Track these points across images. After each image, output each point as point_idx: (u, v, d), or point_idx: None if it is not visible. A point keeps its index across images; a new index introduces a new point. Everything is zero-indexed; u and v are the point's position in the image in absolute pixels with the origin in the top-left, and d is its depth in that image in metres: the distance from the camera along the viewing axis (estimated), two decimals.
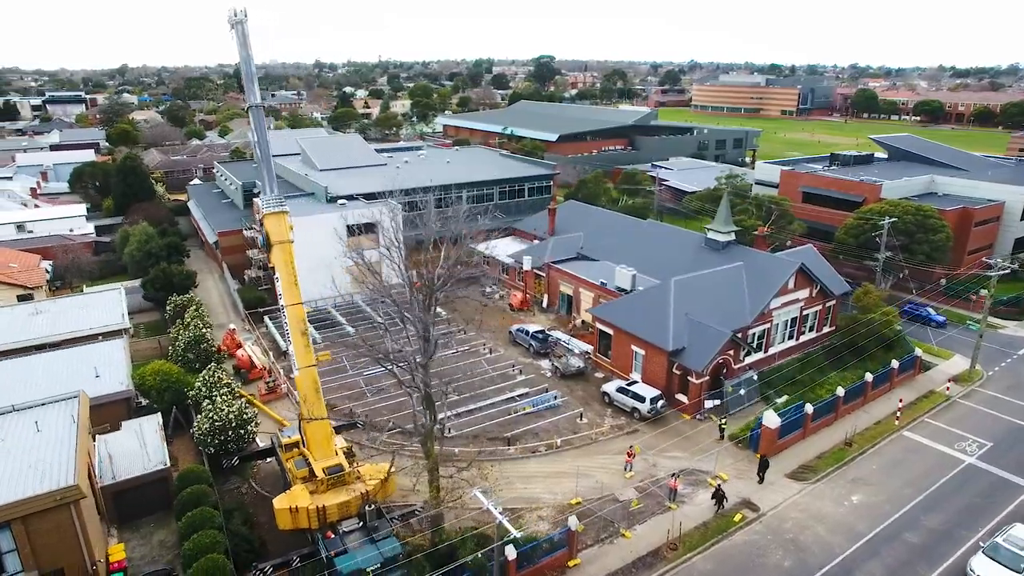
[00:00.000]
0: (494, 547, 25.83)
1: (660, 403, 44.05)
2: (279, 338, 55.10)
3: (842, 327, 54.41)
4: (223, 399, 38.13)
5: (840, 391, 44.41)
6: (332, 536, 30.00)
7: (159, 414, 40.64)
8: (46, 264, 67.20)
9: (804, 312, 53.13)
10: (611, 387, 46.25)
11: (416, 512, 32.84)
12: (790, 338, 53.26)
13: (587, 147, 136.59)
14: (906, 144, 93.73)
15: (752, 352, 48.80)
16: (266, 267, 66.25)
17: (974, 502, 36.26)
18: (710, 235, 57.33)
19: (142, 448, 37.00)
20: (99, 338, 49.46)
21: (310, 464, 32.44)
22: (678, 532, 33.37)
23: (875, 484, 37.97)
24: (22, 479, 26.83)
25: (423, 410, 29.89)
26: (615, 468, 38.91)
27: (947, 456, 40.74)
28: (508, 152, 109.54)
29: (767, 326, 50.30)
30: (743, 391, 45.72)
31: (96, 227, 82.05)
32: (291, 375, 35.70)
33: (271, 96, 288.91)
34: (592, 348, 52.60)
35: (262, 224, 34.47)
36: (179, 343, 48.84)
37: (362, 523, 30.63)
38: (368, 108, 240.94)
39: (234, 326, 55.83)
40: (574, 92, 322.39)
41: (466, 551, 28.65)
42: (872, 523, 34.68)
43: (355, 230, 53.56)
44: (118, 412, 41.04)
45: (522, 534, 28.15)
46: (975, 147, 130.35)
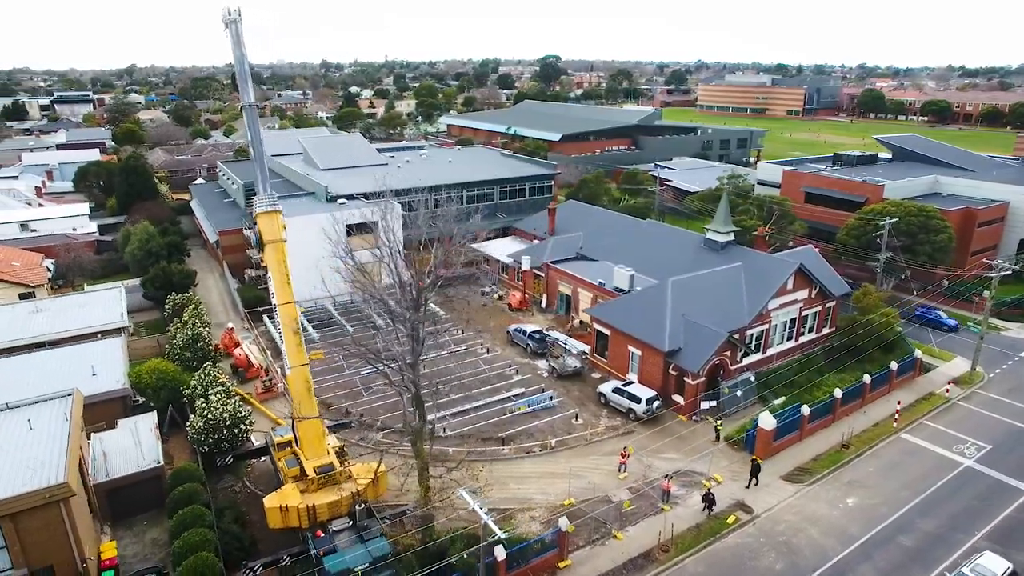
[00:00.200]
0: (480, 548, 25.71)
1: (656, 404, 43.86)
2: (277, 337, 55.13)
3: (842, 328, 54.09)
4: (217, 398, 38.20)
5: (837, 393, 44.11)
6: (322, 535, 30.05)
7: (154, 412, 40.74)
8: (48, 263, 67.68)
9: (803, 313, 52.81)
10: (607, 388, 46.09)
11: (406, 512, 32.79)
12: (789, 339, 52.95)
13: (590, 147, 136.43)
14: (910, 144, 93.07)
15: (750, 353, 48.53)
16: (259, 266, 66.53)
17: (971, 505, 35.92)
18: (709, 235, 57.08)
19: (136, 446, 37.14)
20: (98, 336, 49.75)
21: (301, 463, 32.51)
22: (670, 534, 33.19)
23: (871, 487, 37.68)
24: (12, 476, 26.96)
25: (413, 410, 29.82)
26: (609, 469, 38.78)
27: (945, 459, 40.39)
28: (510, 152, 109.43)
29: (765, 327, 50.01)
30: (739, 392, 45.47)
31: (99, 226, 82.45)
32: (287, 374, 35.74)
33: (277, 96, 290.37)
34: (589, 348, 52.45)
35: (255, 223, 34.51)
36: (177, 342, 48.99)
37: (352, 522, 30.66)
38: (373, 108, 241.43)
39: (232, 325, 56.00)
40: (579, 92, 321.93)
41: (455, 551, 28.59)
42: (866, 526, 34.41)
43: (352, 230, 53.67)
44: (114, 410, 41.25)
45: (507, 535, 28.03)
46: (982, 147, 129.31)
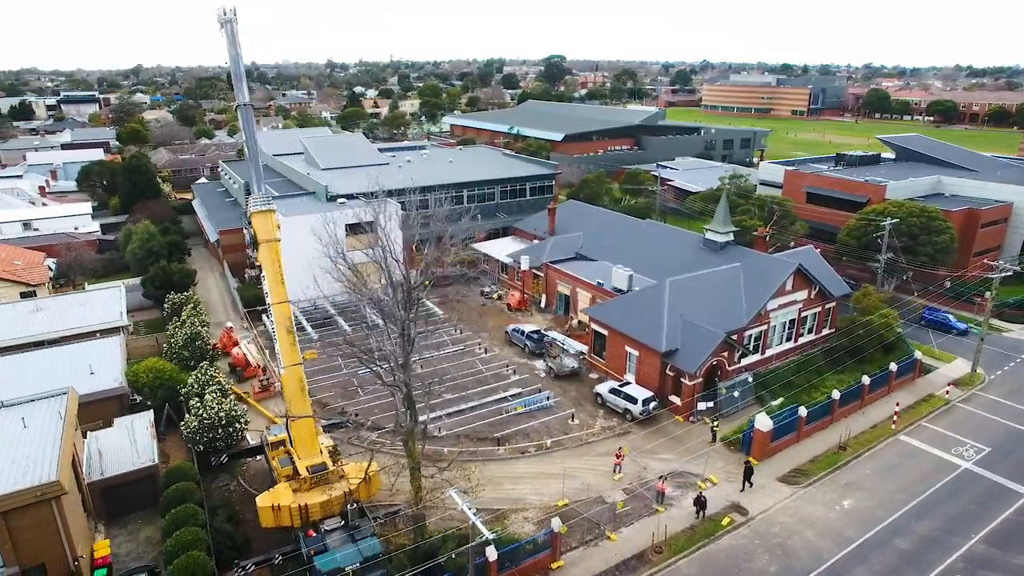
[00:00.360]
0: (469, 548, 25.64)
1: (652, 405, 43.70)
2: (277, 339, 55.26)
3: (842, 329, 53.78)
4: (212, 397, 38.26)
5: (835, 394, 43.87)
6: (313, 534, 30.05)
7: (151, 411, 40.87)
8: (50, 262, 68.01)
9: (803, 314, 52.52)
10: (604, 388, 45.96)
11: (398, 512, 32.76)
12: (788, 340, 52.68)
13: (593, 147, 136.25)
14: (914, 144, 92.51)
15: (748, 354, 48.31)
16: (254, 265, 66.60)
17: (968, 508, 35.62)
18: (708, 235, 56.86)
19: (132, 445, 37.25)
20: (97, 335, 49.99)
21: (294, 462, 32.53)
22: (664, 535, 33.05)
23: (868, 489, 37.42)
24: (3, 474, 27.01)
25: (405, 410, 29.79)
26: (604, 470, 38.65)
27: (943, 461, 40.08)
28: (511, 152, 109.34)
29: (764, 328, 49.77)
30: (737, 393, 45.27)
31: (101, 225, 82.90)
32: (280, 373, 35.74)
33: (282, 96, 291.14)
34: (587, 348, 52.33)
35: (250, 223, 34.57)
36: (175, 341, 49.11)
37: (344, 522, 30.65)
38: (377, 108, 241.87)
39: (231, 324, 56.12)
40: (584, 92, 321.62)
41: (446, 551, 28.54)
42: (862, 528, 34.17)
43: (350, 230, 53.73)
44: (111, 409, 41.42)
45: (495, 535, 27.96)
46: (988, 148, 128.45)
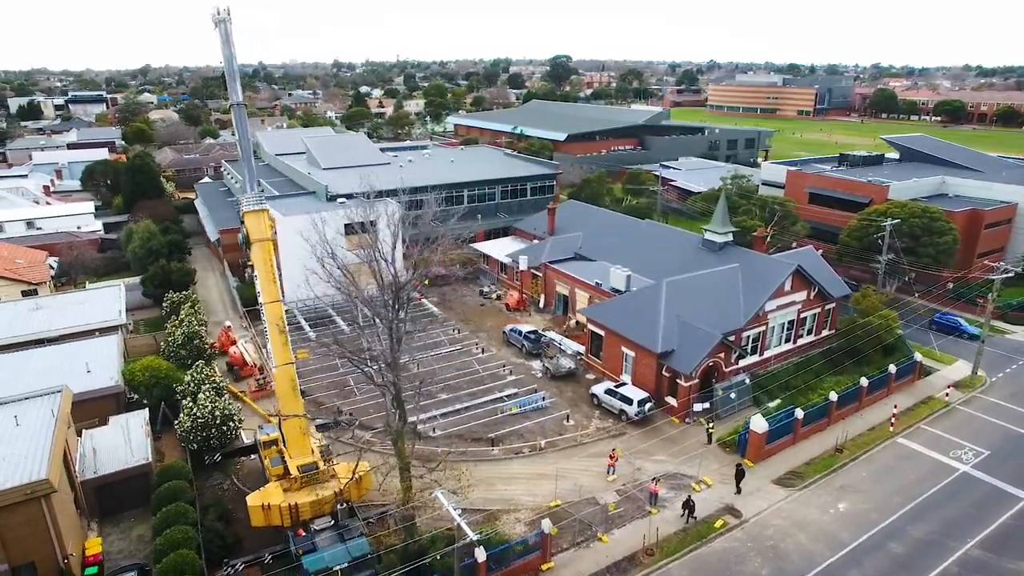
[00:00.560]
0: (455, 548, 25.56)
1: (648, 406, 43.50)
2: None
3: (841, 330, 53.42)
4: (206, 396, 38.33)
5: (833, 396, 43.53)
6: (303, 534, 30.04)
7: (146, 410, 41.02)
8: (52, 260, 68.40)
9: (802, 315, 52.18)
10: (599, 389, 45.80)
11: (387, 512, 32.72)
12: (787, 341, 52.34)
13: (596, 147, 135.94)
14: (918, 144, 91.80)
15: (744, 355, 48.03)
16: (247, 264, 66.82)
17: (965, 512, 35.26)
18: (707, 236, 56.60)
19: (126, 443, 37.37)
20: (96, 334, 50.22)
21: (285, 462, 32.54)
22: (655, 537, 32.85)
23: (863, 492, 37.11)
24: None
25: (394, 410, 29.75)
26: (598, 471, 38.49)
27: (941, 464, 39.70)
28: (513, 151, 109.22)
29: (762, 329, 49.47)
30: (733, 394, 45.00)
31: (104, 224, 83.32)
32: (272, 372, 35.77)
33: (288, 95, 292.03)
34: (584, 349, 52.17)
35: (243, 222, 34.63)
36: (173, 339, 49.26)
37: (334, 522, 30.63)
38: (382, 108, 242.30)
39: (229, 323, 56.24)
40: (589, 92, 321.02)
41: (436, 551, 28.44)
42: (857, 532, 33.87)
43: (348, 230, 53.80)
44: (107, 407, 41.57)
45: (479, 536, 27.86)
46: (996, 148, 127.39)
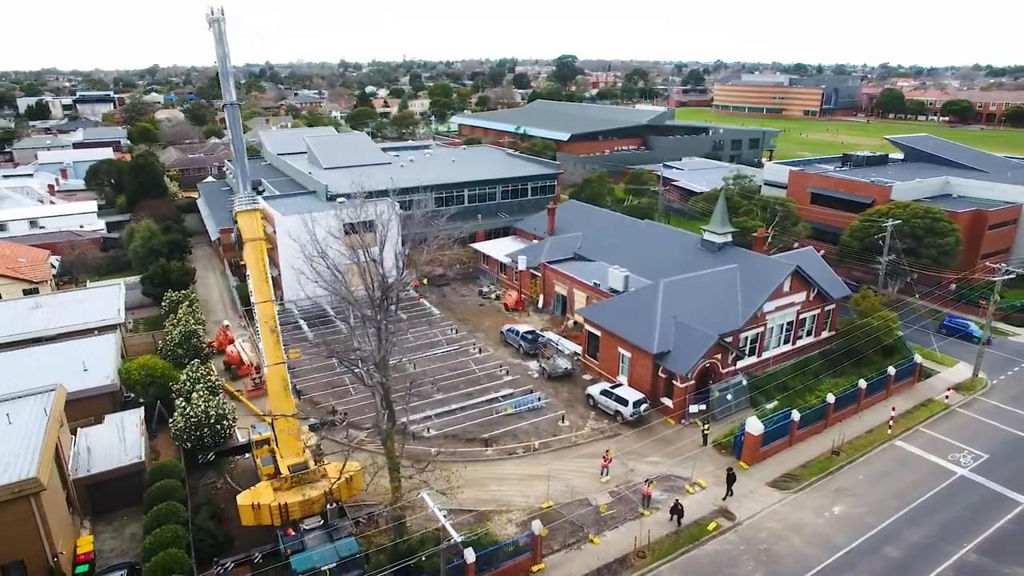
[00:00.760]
0: (440, 550, 25.46)
1: (643, 407, 43.27)
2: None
3: (841, 331, 53.04)
4: (199, 395, 38.40)
5: (830, 398, 43.17)
6: (292, 533, 30.02)
7: (141, 408, 41.11)
8: (54, 259, 68.75)
9: (801, 316, 51.83)
10: (595, 390, 45.61)
11: (375, 512, 32.65)
12: (786, 342, 52.00)
13: (600, 147, 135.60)
14: (922, 144, 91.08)
15: (742, 356, 47.72)
16: (239, 264, 67.04)
17: (961, 516, 34.87)
18: (706, 236, 56.32)
19: (121, 442, 37.46)
20: (94, 332, 50.40)
21: (276, 461, 32.54)
22: (647, 539, 32.65)
23: (859, 495, 36.77)
24: None
25: (384, 410, 29.71)
26: (592, 472, 38.30)
27: (939, 467, 39.30)
28: (515, 151, 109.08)
29: (761, 330, 49.15)
30: (730, 396, 44.71)
31: (107, 223, 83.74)
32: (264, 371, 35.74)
33: (294, 95, 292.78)
34: (581, 349, 51.99)
35: (235, 222, 34.66)
36: (170, 338, 49.41)
37: (324, 521, 30.60)
38: (387, 107, 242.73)
39: (228, 322, 56.36)
40: (595, 92, 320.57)
41: (424, 552, 28.35)
42: (852, 535, 33.55)
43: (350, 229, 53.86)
44: (103, 405, 41.70)
45: (463, 537, 27.75)
46: (1004, 149, 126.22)
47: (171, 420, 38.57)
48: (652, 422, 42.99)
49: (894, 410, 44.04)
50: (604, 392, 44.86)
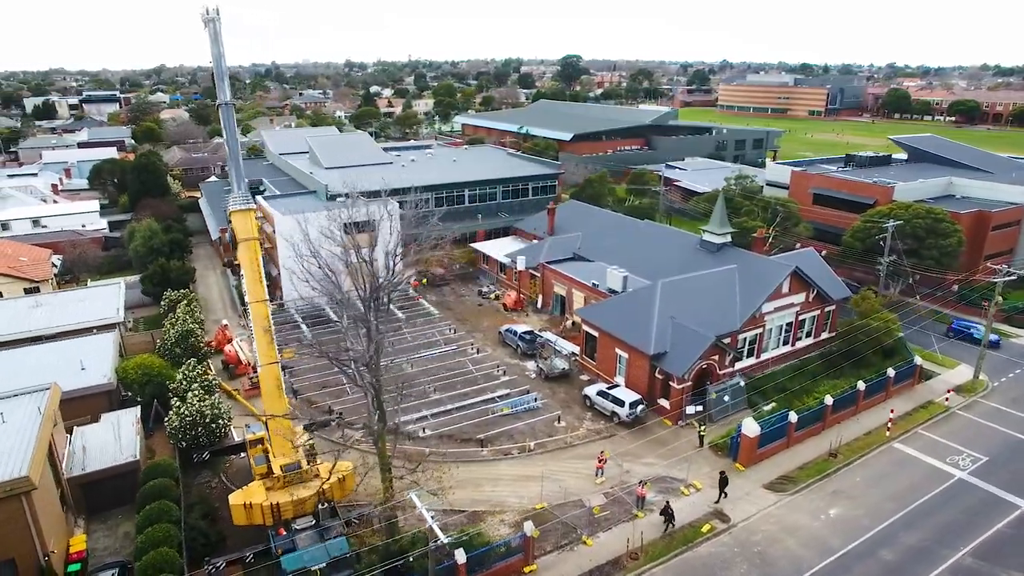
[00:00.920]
0: (429, 551, 25.38)
1: (640, 408, 43.10)
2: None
3: (841, 332, 52.71)
4: (194, 395, 38.44)
5: (828, 399, 42.88)
6: (284, 533, 30.01)
7: (138, 407, 41.22)
8: (56, 258, 69.02)
9: (800, 317, 51.53)
10: (592, 390, 45.47)
11: (366, 512, 32.61)
12: (785, 343, 51.72)
13: (602, 147, 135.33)
14: (926, 145, 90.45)
15: (740, 357, 47.47)
16: (231, 264, 67.39)
17: (958, 519, 34.56)
18: (705, 237, 56.08)
19: (116, 440, 37.54)
20: (93, 331, 50.56)
21: (269, 460, 32.53)
22: (640, 541, 32.49)
23: (856, 497, 36.50)
24: None
25: (375, 410, 29.66)
26: (587, 473, 38.15)
27: (937, 470, 38.97)
28: (517, 151, 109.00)
29: (759, 331, 48.89)
30: (727, 397, 44.47)
31: (109, 223, 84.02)
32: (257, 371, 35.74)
33: (299, 95, 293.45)
34: (579, 350, 51.84)
35: (230, 221, 34.67)
36: (168, 338, 49.52)
37: (315, 521, 30.58)
38: (391, 107, 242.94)
39: (226, 321, 56.46)
40: (599, 92, 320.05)
41: (414, 552, 28.28)
42: (847, 538, 33.30)
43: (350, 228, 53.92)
44: (99, 404, 41.79)
45: (451, 538, 27.67)
46: (1010, 149, 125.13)
47: (166, 419, 38.60)
48: (649, 423, 42.81)
49: (892, 412, 43.72)
50: (601, 393, 44.71)
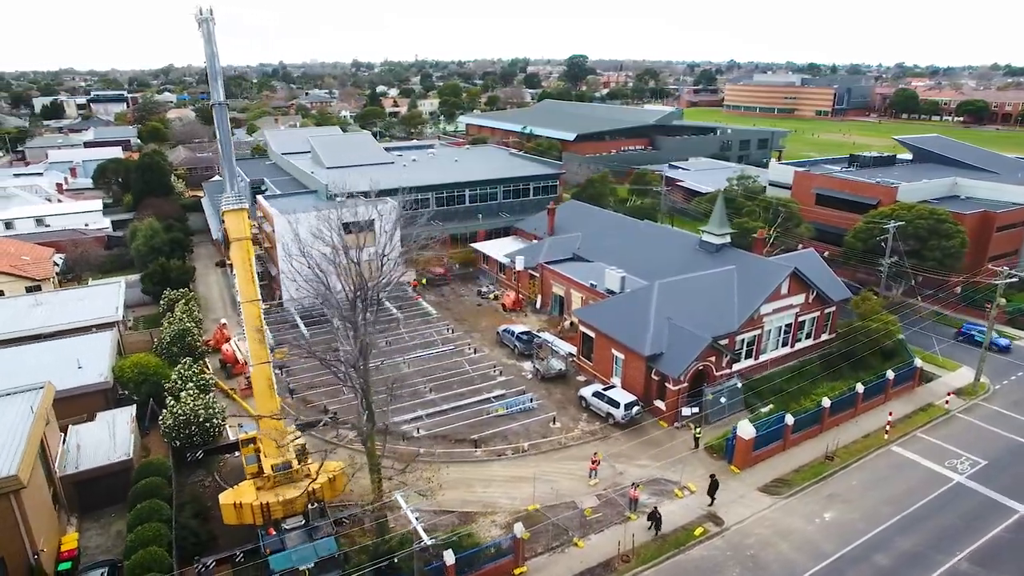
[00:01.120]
0: (414, 552, 25.27)
1: (635, 409, 42.86)
2: (269, 334, 55.63)
3: (841, 334, 52.28)
4: (188, 394, 38.50)
5: (826, 402, 42.50)
6: (273, 533, 29.98)
7: (133, 406, 41.31)
8: (58, 257, 69.40)
9: (800, 318, 51.14)
10: (588, 391, 45.26)
11: (355, 513, 32.55)
12: (784, 345, 51.33)
13: (606, 147, 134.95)
14: (931, 145, 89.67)
15: (738, 359, 47.14)
16: (224, 263, 67.40)
17: (955, 524, 34.15)
18: (704, 237, 55.75)
19: (111, 439, 37.64)
20: (92, 330, 50.73)
21: (260, 460, 32.53)
22: (632, 544, 32.26)
23: (851, 501, 36.13)
24: None
25: (364, 410, 29.59)
26: (581, 474, 37.95)
27: (935, 474, 38.54)
28: (519, 151, 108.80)
29: (757, 332, 48.54)
30: (723, 399, 44.16)
31: (113, 222, 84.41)
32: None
33: (305, 95, 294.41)
34: (576, 350, 51.64)
35: (223, 221, 34.70)
36: (164, 337, 49.65)
37: (305, 521, 30.53)
38: (397, 107, 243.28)
39: (225, 321, 56.57)
40: (605, 92, 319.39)
41: (402, 552, 28.19)
42: (841, 542, 32.95)
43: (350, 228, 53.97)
44: (96, 403, 41.91)
45: (434, 540, 27.55)
46: (1019, 150, 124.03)
47: (160, 419, 38.67)
48: (645, 425, 42.57)
49: (891, 415, 43.29)
50: (596, 394, 44.50)
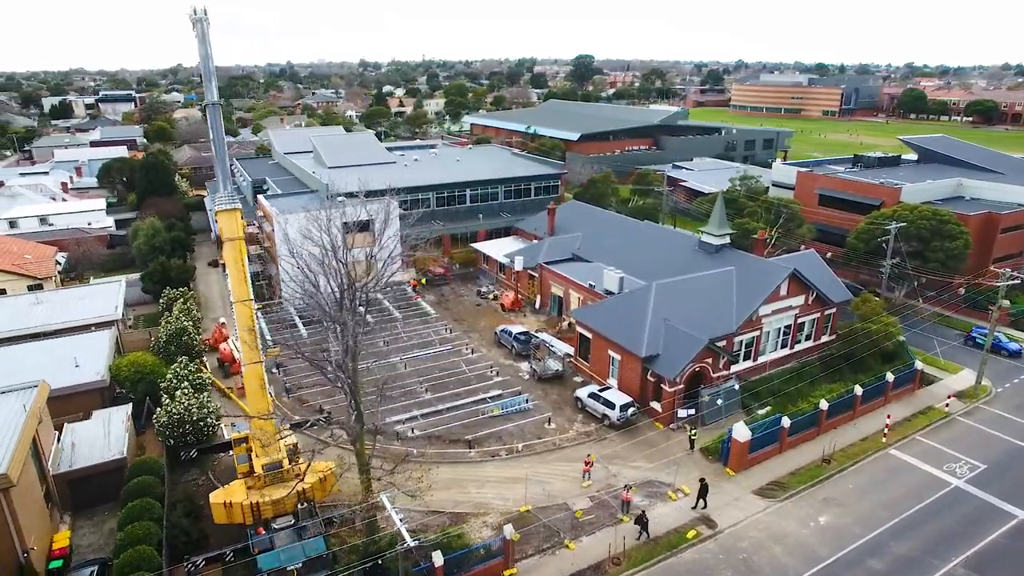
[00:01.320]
0: (399, 553, 25.18)
1: (631, 411, 42.63)
2: (267, 333, 55.83)
3: (842, 336, 51.85)
4: (182, 393, 38.57)
5: (823, 404, 42.13)
6: (263, 532, 29.97)
7: (129, 404, 41.45)
8: (61, 256, 69.79)
9: (799, 320, 50.75)
10: (583, 392, 45.08)
11: (344, 513, 32.48)
12: (783, 346, 50.95)
13: (610, 147, 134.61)
14: (936, 145, 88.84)
15: (735, 361, 46.81)
16: (217, 262, 67.41)
17: (952, 528, 33.75)
18: (704, 238, 55.42)
19: (106, 437, 37.79)
20: (91, 328, 50.94)
21: (251, 459, 32.54)
22: (623, 546, 32.07)
23: (847, 505, 35.79)
24: None
25: (352, 410, 29.54)
26: (574, 476, 37.77)
27: (933, 478, 38.13)
28: (521, 151, 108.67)
29: (756, 333, 48.20)
30: (720, 401, 43.85)
31: (116, 221, 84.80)
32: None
33: (311, 95, 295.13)
34: (573, 351, 51.44)
35: (216, 221, 34.71)
36: (161, 335, 49.80)
37: (295, 521, 30.51)
38: (402, 107, 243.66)
39: (223, 320, 56.72)
40: (612, 92, 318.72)
41: (390, 552, 28.11)
42: (836, 546, 32.63)
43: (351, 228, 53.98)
44: (92, 401, 42.11)
45: (417, 542, 27.46)
46: None
47: (155, 417, 38.76)
48: (640, 426, 42.34)
49: (889, 417, 42.87)
50: (592, 395, 44.30)
